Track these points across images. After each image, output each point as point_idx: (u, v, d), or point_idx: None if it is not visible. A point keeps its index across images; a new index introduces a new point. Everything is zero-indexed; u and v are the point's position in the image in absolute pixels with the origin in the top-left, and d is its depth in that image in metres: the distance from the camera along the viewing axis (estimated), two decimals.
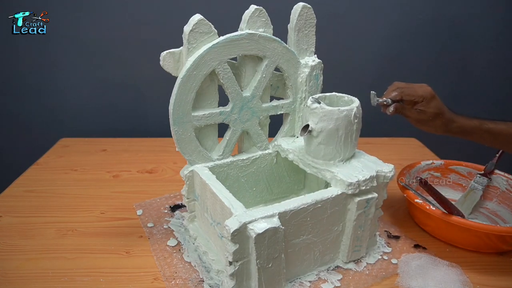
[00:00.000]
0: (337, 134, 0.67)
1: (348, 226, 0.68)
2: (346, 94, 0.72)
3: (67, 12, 1.17)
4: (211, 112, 0.71)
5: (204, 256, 0.72)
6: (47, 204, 0.89)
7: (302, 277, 0.68)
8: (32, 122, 1.32)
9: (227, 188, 0.66)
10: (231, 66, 0.72)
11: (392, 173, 0.68)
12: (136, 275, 0.68)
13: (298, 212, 0.61)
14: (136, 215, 0.86)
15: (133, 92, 1.30)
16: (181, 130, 0.69)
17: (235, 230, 0.55)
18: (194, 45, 0.66)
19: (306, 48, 0.77)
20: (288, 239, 0.62)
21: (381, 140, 1.31)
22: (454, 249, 0.77)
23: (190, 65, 0.65)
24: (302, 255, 0.66)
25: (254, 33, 0.69)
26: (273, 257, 0.59)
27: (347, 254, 0.70)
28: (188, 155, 0.73)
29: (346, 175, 0.65)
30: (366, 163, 0.70)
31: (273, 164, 0.83)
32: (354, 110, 0.66)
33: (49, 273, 0.68)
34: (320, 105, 0.66)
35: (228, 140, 0.76)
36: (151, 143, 1.25)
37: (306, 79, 0.76)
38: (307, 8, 0.74)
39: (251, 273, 0.60)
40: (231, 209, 0.60)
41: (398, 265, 0.71)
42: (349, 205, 0.66)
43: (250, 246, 0.57)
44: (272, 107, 0.78)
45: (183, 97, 0.67)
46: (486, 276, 0.70)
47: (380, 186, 0.69)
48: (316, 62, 0.76)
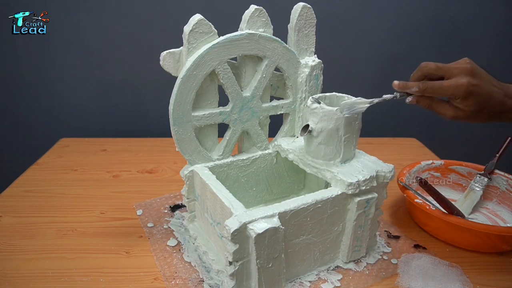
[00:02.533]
0: (337, 134, 0.67)
1: (348, 226, 0.68)
2: (346, 94, 0.72)
3: (67, 12, 1.17)
4: (211, 112, 0.72)
5: (204, 256, 0.72)
6: (47, 204, 0.89)
7: (302, 277, 0.68)
8: (32, 122, 1.32)
9: (227, 188, 0.66)
10: (231, 66, 0.72)
11: (392, 173, 0.68)
12: (136, 275, 0.68)
13: (298, 212, 0.61)
14: (136, 215, 0.86)
15: (133, 92, 1.30)
16: (181, 130, 0.69)
17: (235, 230, 0.55)
18: (194, 45, 0.66)
19: (306, 48, 0.77)
20: (288, 239, 0.62)
21: (381, 140, 1.31)
22: (454, 249, 0.77)
23: (190, 65, 0.65)
24: (302, 255, 0.66)
25: (254, 33, 0.69)
26: (273, 257, 0.59)
27: (347, 254, 0.70)
28: (188, 155, 0.73)
29: (346, 175, 0.65)
30: (366, 163, 0.70)
31: (273, 164, 0.83)
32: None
33: (49, 273, 0.68)
34: (320, 105, 0.66)
35: (228, 140, 0.76)
36: (151, 143, 1.25)
37: (306, 79, 0.76)
38: (307, 8, 0.74)
39: (251, 273, 0.60)
40: (231, 209, 0.60)
41: (398, 265, 0.71)
42: (349, 205, 0.66)
43: (250, 246, 0.57)
44: (272, 107, 0.78)
45: (183, 97, 0.67)
46: (486, 276, 0.70)
47: (380, 186, 0.69)
48: (316, 62, 0.76)
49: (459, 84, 0.56)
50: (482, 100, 0.57)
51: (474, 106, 0.57)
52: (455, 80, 0.57)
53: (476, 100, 0.57)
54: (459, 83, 0.56)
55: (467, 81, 0.56)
